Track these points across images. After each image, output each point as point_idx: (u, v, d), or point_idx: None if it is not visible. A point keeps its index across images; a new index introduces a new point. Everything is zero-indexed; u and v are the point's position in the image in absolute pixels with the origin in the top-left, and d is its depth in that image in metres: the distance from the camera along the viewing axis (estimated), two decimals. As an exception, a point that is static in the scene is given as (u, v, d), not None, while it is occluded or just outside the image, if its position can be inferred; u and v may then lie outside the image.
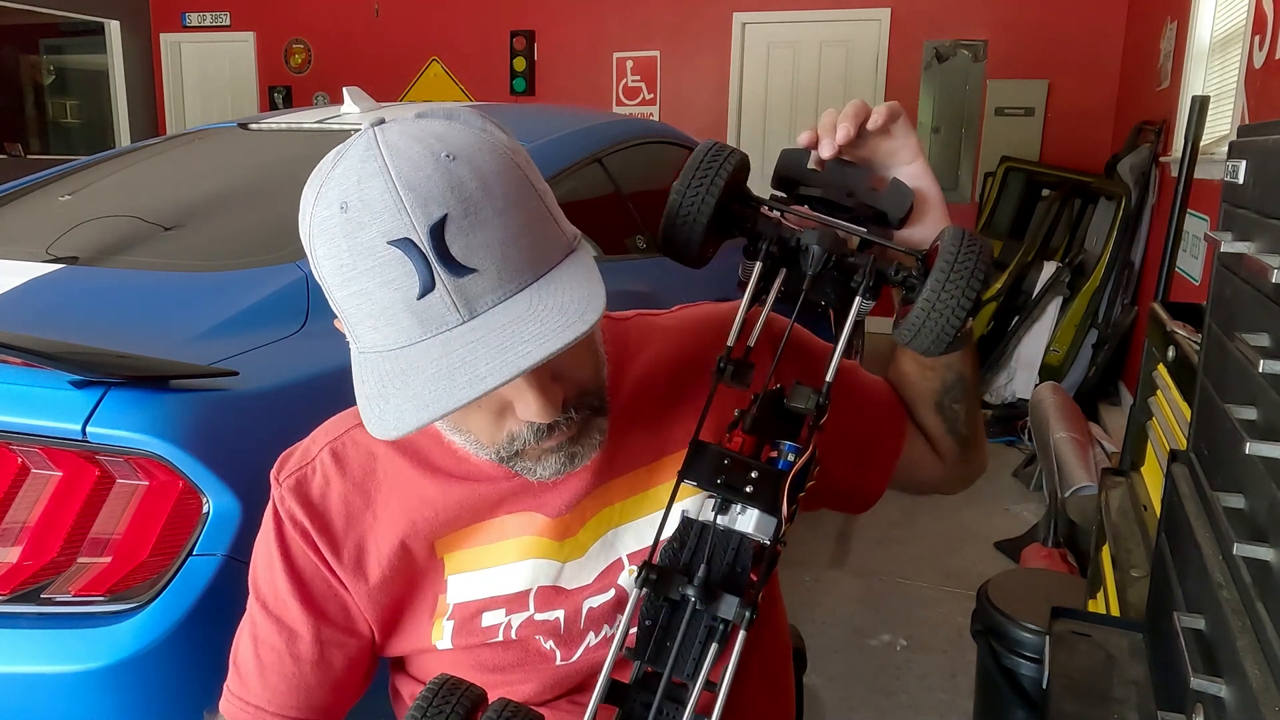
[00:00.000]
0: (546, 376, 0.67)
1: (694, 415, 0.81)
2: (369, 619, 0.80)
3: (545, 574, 0.80)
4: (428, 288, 0.61)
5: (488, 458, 0.74)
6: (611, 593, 0.81)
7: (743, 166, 0.75)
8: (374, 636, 0.82)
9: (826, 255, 0.72)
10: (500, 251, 0.62)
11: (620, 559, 0.82)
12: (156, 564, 1.13)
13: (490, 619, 0.80)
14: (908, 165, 0.81)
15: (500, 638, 0.80)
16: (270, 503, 0.81)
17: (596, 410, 0.74)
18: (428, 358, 0.62)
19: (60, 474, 1.12)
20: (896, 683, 2.33)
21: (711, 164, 0.73)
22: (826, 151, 0.76)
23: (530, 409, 0.67)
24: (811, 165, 0.79)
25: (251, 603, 0.82)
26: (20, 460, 1.12)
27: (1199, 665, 0.76)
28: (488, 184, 0.62)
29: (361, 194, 0.61)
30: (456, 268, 0.61)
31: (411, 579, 0.80)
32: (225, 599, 1.13)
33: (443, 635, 0.80)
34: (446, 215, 0.60)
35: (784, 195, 0.78)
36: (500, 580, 0.80)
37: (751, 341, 0.74)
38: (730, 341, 0.70)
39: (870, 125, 0.77)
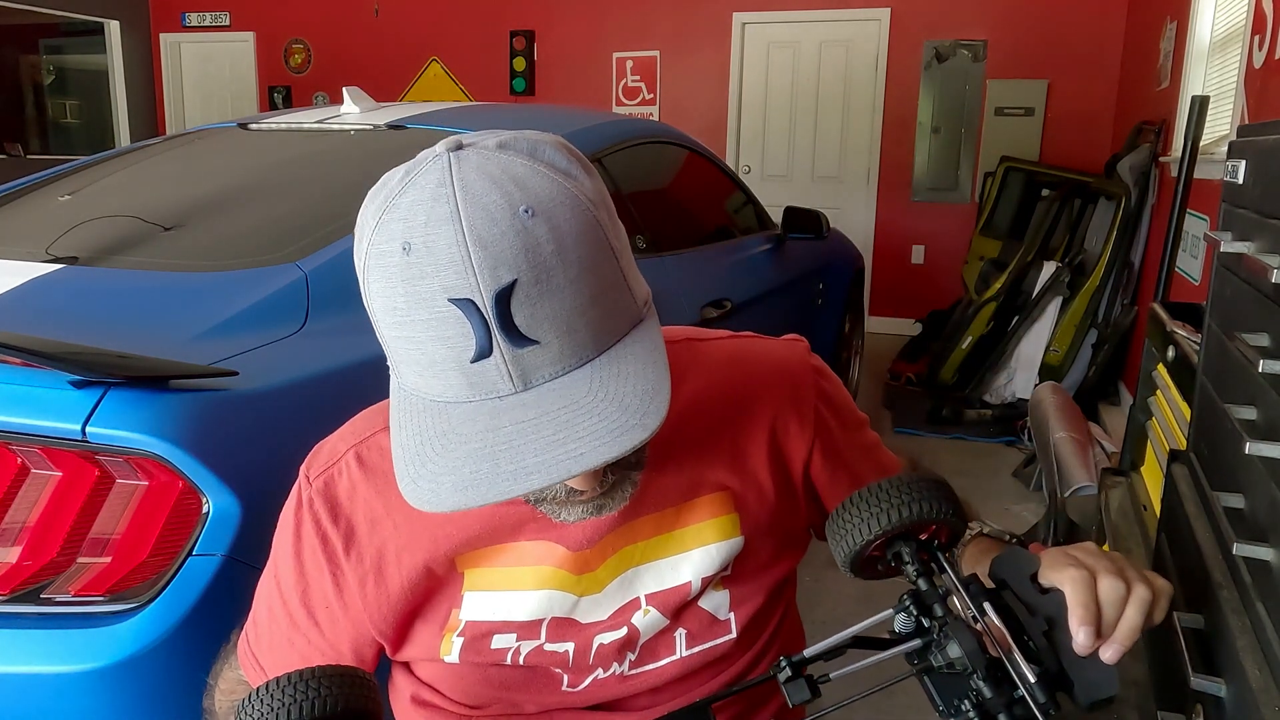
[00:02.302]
0: None
1: (728, 457, 0.81)
2: (381, 628, 0.79)
3: (560, 606, 0.79)
4: (484, 353, 0.58)
5: None
6: (624, 630, 0.80)
7: (928, 519, 0.67)
8: (380, 647, 0.82)
9: (961, 667, 0.63)
10: (566, 323, 0.58)
11: (638, 598, 0.81)
12: (156, 564, 1.13)
13: (500, 642, 0.79)
14: None
15: (508, 661, 0.80)
16: (296, 493, 0.80)
17: (633, 466, 0.72)
18: (473, 425, 0.59)
19: (60, 474, 1.12)
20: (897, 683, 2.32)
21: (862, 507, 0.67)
22: (1090, 649, 0.63)
23: (571, 479, 0.65)
24: (1033, 576, 0.66)
25: (271, 564, 0.82)
26: (20, 460, 1.12)
27: (1198, 665, 0.76)
28: (564, 247, 0.58)
29: (427, 238, 0.57)
30: (518, 338, 0.57)
31: (431, 589, 0.79)
32: (225, 599, 1.13)
33: (451, 650, 0.80)
34: (516, 281, 0.56)
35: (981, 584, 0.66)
36: (514, 605, 0.79)
37: None
38: (807, 652, 0.66)
39: (1154, 621, 0.65)
